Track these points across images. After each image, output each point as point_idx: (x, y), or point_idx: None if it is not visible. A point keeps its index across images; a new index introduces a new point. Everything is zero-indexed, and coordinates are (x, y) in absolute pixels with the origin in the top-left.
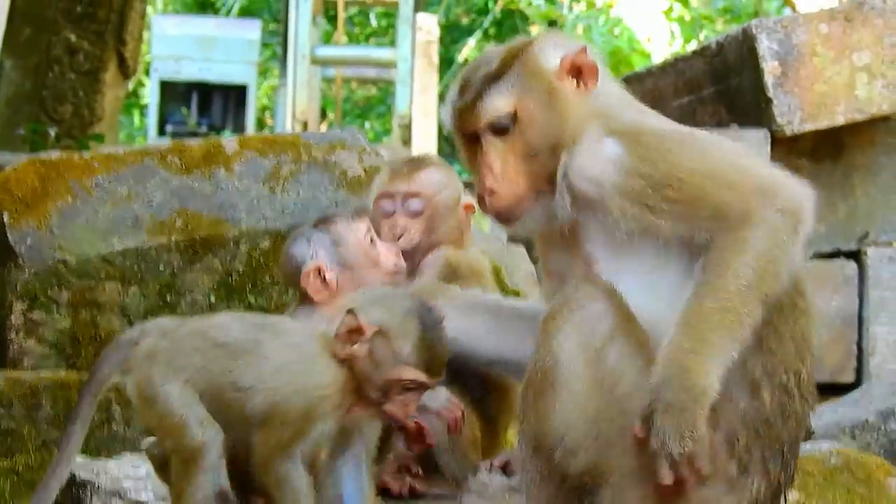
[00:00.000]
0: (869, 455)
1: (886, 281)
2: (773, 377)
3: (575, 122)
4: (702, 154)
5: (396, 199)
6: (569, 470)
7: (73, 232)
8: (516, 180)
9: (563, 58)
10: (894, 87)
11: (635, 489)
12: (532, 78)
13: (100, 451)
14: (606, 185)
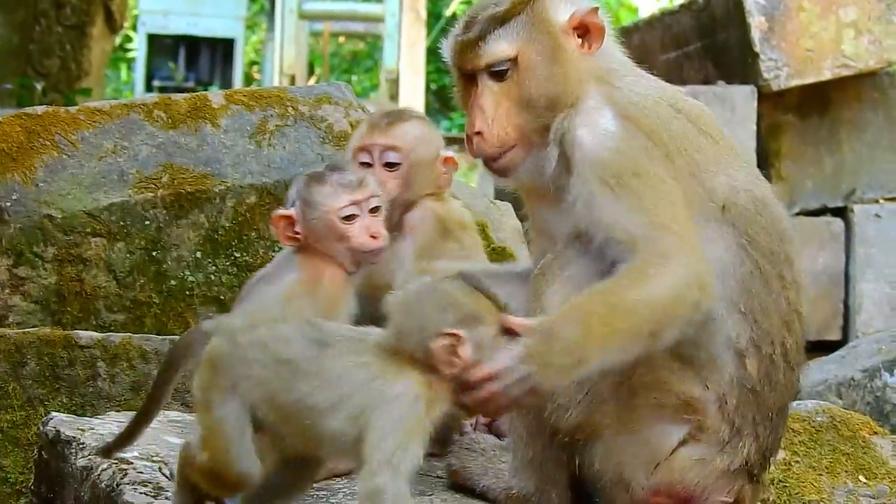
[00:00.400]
0: (854, 413)
1: (873, 238)
2: (759, 348)
3: (575, 82)
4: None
5: (374, 152)
6: (560, 426)
7: (58, 187)
8: (506, 126)
9: (573, 14)
10: (881, 43)
11: (629, 444)
12: (538, 27)
13: (85, 408)
14: (590, 157)
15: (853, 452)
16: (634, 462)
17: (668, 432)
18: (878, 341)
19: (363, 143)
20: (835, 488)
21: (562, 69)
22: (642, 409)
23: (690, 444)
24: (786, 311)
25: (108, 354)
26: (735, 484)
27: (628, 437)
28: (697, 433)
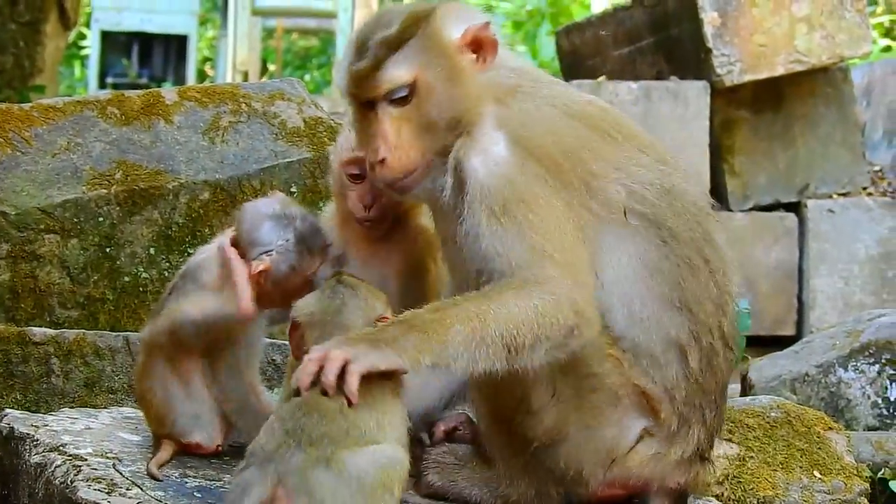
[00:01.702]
0: (809, 408)
1: (826, 233)
2: (698, 339)
3: (473, 100)
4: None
5: (366, 165)
6: (533, 434)
7: (11, 183)
8: (409, 152)
9: (466, 31)
10: (833, 38)
11: (590, 442)
12: (433, 48)
13: (39, 405)
14: (481, 187)
15: (808, 448)
16: (594, 459)
17: (626, 428)
18: (833, 336)
19: (356, 156)
20: (789, 484)
21: (461, 89)
22: (602, 408)
23: (646, 440)
24: (716, 294)
25: (61, 351)
26: (688, 469)
27: (589, 434)
28: (652, 428)
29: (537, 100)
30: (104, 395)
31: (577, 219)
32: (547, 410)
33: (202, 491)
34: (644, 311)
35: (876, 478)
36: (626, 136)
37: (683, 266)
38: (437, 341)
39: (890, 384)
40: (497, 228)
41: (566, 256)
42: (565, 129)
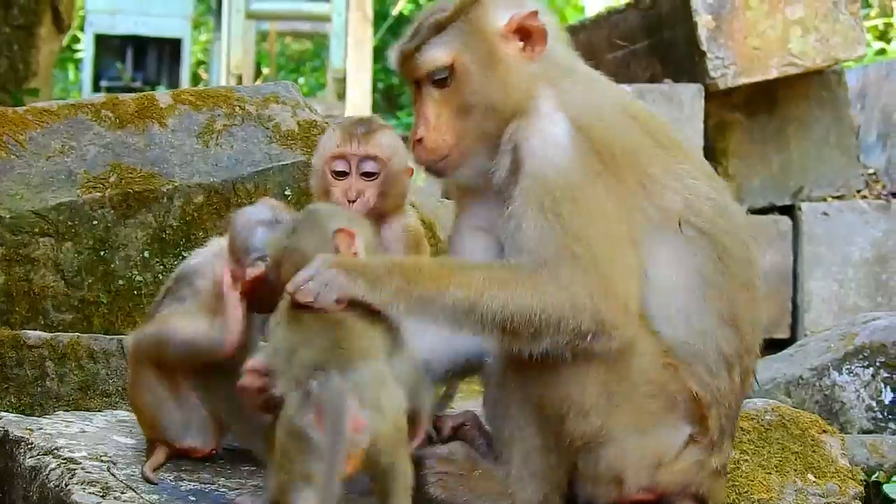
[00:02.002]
0: (803, 411)
1: (820, 236)
2: (741, 358)
3: (519, 87)
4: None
5: (352, 161)
6: (579, 432)
7: (6, 187)
8: (446, 134)
9: (511, 18)
10: (827, 41)
11: (638, 446)
12: (474, 33)
13: (33, 408)
14: (537, 173)
15: (802, 451)
16: (640, 463)
17: (676, 433)
18: (827, 339)
19: (341, 151)
20: (784, 487)
21: (500, 75)
22: (656, 413)
23: (691, 447)
24: (756, 316)
25: (56, 354)
26: (717, 479)
27: (639, 438)
28: (698, 435)
29: (597, 91)
30: (99, 398)
31: (631, 220)
32: (598, 412)
33: (197, 494)
34: (702, 322)
35: (870, 481)
36: (676, 146)
37: (735, 285)
38: (420, 295)
39: (884, 387)
40: (541, 223)
41: (601, 266)
42: (624, 125)
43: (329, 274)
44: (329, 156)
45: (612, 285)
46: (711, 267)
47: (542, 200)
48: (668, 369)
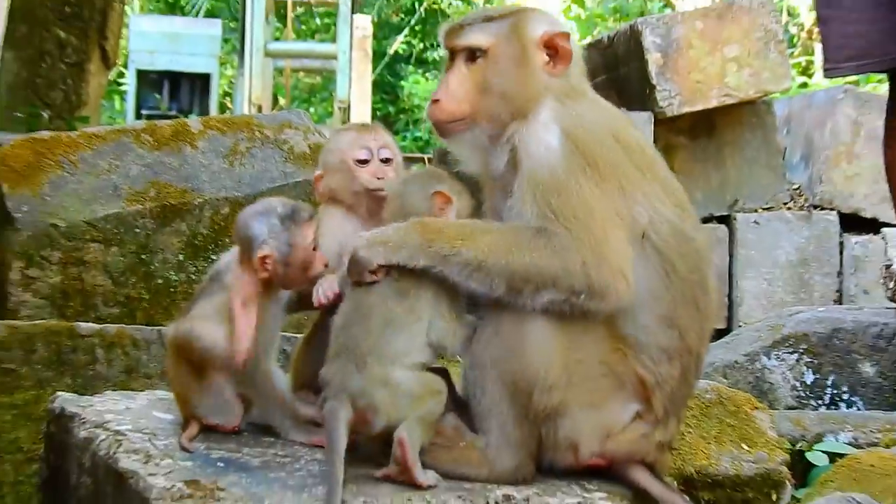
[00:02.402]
0: (738, 391)
1: (752, 242)
2: (682, 356)
3: (533, 92)
4: (601, 198)
5: (373, 149)
6: (544, 406)
7: (61, 200)
8: (461, 102)
9: (545, 31)
10: (759, 76)
11: (591, 418)
12: (515, 33)
13: (86, 388)
14: (532, 170)
15: (737, 424)
16: (592, 433)
17: (623, 409)
18: (758, 330)
19: (362, 142)
20: (721, 454)
21: (522, 75)
22: (607, 390)
23: (637, 421)
24: (700, 329)
25: (105, 342)
26: (661, 452)
27: (592, 412)
28: (644, 412)
29: (591, 112)
30: (141, 380)
31: (616, 209)
32: (559, 388)
33: (224, 461)
34: (645, 321)
35: (794, 449)
36: (655, 175)
37: (679, 298)
38: (435, 252)
39: (806, 370)
40: (538, 207)
41: (593, 236)
42: (608, 144)
43: (349, 253)
44: (351, 147)
45: (603, 253)
46: (657, 281)
47: (536, 192)
48: (618, 353)
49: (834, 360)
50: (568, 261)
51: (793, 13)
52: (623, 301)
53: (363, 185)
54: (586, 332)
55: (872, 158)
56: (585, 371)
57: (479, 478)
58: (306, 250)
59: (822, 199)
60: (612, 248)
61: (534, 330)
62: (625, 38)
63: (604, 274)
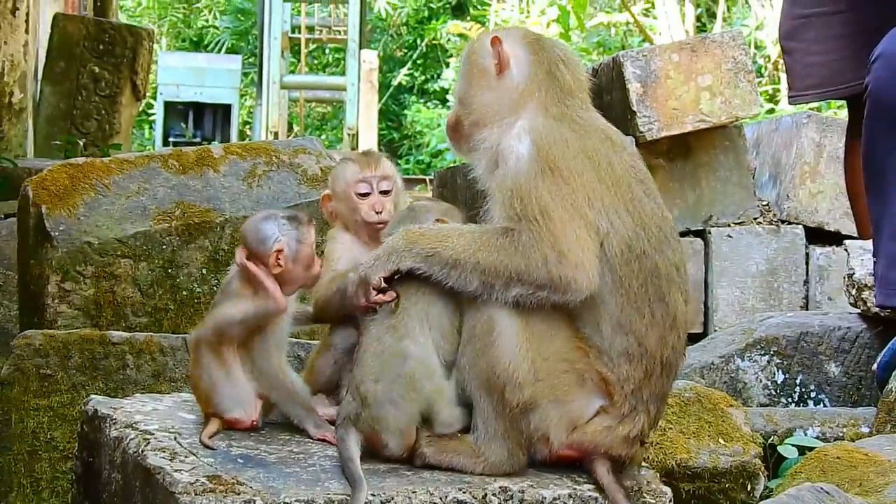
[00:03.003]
0: (715, 390)
1: (725, 254)
2: (642, 358)
3: (500, 106)
4: (560, 199)
5: (373, 182)
6: (516, 402)
7: (95, 219)
8: (458, 121)
9: (484, 45)
10: (730, 103)
11: (557, 411)
12: (468, 59)
13: (116, 391)
14: (501, 181)
15: (714, 421)
16: (559, 424)
17: (587, 404)
18: (732, 334)
19: (363, 175)
20: (700, 449)
21: (481, 91)
22: (571, 386)
23: (601, 415)
24: (658, 337)
25: (134, 350)
26: (630, 446)
27: (558, 405)
28: (608, 407)
29: (567, 127)
30: (168, 384)
31: (581, 210)
32: (528, 385)
33: (244, 457)
34: (602, 326)
35: (767, 443)
36: (619, 193)
37: (630, 308)
38: (419, 252)
39: (777, 370)
40: (506, 209)
41: (554, 236)
42: (575, 156)
43: (352, 282)
44: (354, 181)
45: (562, 249)
46: (605, 290)
47: (504, 198)
48: (580, 351)
49: (802, 361)
50: (530, 258)
51: (760, 46)
52: (585, 291)
53: (363, 218)
54: (551, 333)
55: (834, 177)
56: (550, 367)
57: (476, 469)
58: (311, 248)
59: (789, 215)
60: (571, 244)
61: (502, 333)
62: (608, 69)
63: (564, 268)
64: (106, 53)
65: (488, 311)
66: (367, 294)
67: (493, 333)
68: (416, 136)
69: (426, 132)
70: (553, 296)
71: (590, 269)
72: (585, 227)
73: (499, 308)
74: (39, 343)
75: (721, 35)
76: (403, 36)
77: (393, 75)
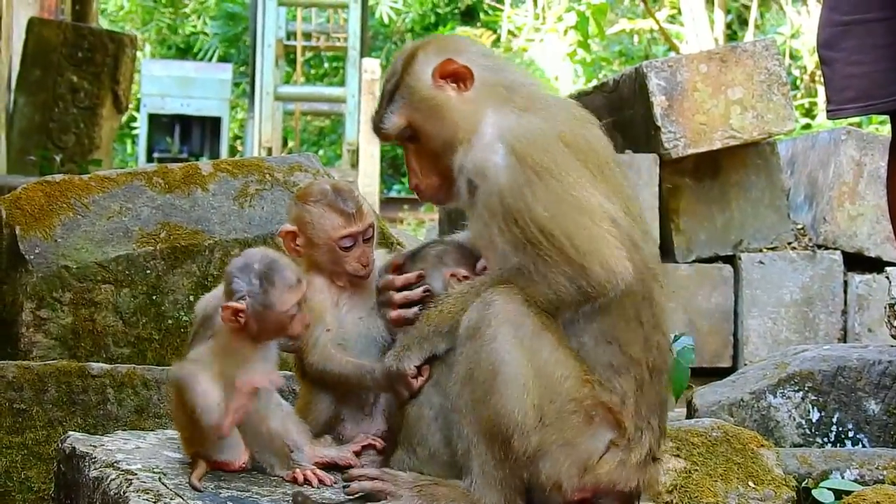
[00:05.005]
0: (744, 429)
1: (756, 281)
2: (629, 368)
3: (466, 121)
4: (557, 203)
5: (358, 238)
6: (522, 451)
7: (73, 242)
8: (431, 176)
9: (434, 70)
10: (762, 118)
11: (568, 456)
12: (415, 93)
13: (96, 428)
14: (485, 197)
15: (743, 462)
16: (570, 470)
17: (596, 441)
18: (763, 368)
19: (349, 231)
20: (728, 493)
21: (447, 119)
22: (580, 425)
23: (612, 450)
24: (643, 339)
25: (115, 382)
26: (644, 470)
27: (567, 448)
28: (617, 439)
29: (537, 118)
30: (151, 419)
31: (575, 196)
32: (536, 431)
33: (234, 500)
34: (584, 339)
35: (801, 487)
36: (605, 179)
37: (618, 313)
38: (448, 332)
39: (812, 408)
40: (505, 235)
41: (566, 251)
42: (557, 150)
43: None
44: (337, 236)
45: (582, 262)
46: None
47: (496, 220)
48: (586, 386)
49: (839, 398)
50: (553, 284)
51: (795, 56)
52: (623, 283)
53: (348, 271)
54: (558, 371)
55: (875, 199)
56: (558, 409)
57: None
58: (282, 314)
59: (825, 239)
60: (586, 249)
61: (507, 378)
62: (630, 81)
63: (591, 276)
64: (85, 61)
65: (488, 352)
66: (410, 386)
67: (496, 378)
68: None
69: None
70: (595, 303)
71: (614, 261)
72: (592, 218)
73: (499, 348)
74: (13, 375)
75: (753, 44)
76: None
77: None
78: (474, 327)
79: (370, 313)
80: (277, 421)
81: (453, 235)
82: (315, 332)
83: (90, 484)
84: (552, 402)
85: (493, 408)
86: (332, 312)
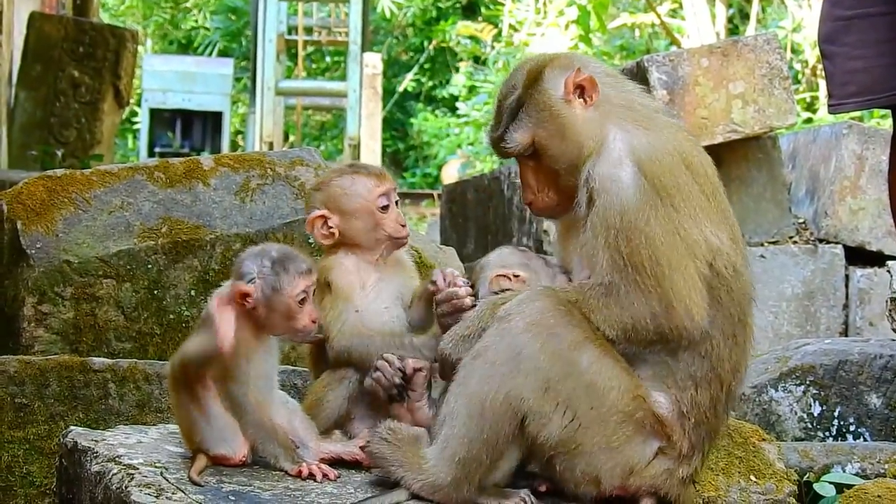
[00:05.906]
0: (746, 423)
1: (758, 275)
2: (710, 384)
3: (589, 136)
4: (672, 234)
5: (391, 195)
6: (538, 440)
7: (75, 237)
8: (547, 193)
9: (565, 83)
10: (764, 112)
11: (610, 458)
12: (543, 109)
13: (98, 422)
14: (605, 212)
15: (745, 456)
16: (612, 471)
17: (645, 448)
18: (765, 362)
19: (384, 189)
20: (729, 487)
21: (572, 134)
22: (625, 432)
23: (660, 457)
24: (734, 363)
25: (117, 377)
26: (685, 487)
27: (609, 452)
28: (666, 448)
29: (663, 137)
30: (153, 414)
31: (688, 241)
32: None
33: (235, 494)
34: (683, 354)
35: (802, 481)
36: (718, 204)
37: (717, 331)
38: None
39: (813, 402)
40: (609, 253)
41: (660, 286)
42: (679, 171)
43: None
44: (373, 196)
45: (672, 301)
46: (708, 323)
47: (608, 237)
48: (637, 400)
49: (841, 392)
50: (636, 314)
51: (797, 50)
52: (695, 336)
53: (387, 234)
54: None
55: (877, 193)
56: (598, 416)
57: (413, 485)
58: (291, 301)
59: (827, 233)
60: (679, 290)
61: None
62: (631, 75)
63: (673, 319)
64: (86, 56)
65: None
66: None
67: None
68: (422, 147)
69: (433, 142)
70: (662, 347)
71: (698, 312)
72: (694, 260)
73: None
74: (14, 370)
75: (755, 38)
76: (409, 38)
77: (398, 80)
78: (505, 316)
79: (395, 303)
80: (282, 417)
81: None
82: (343, 313)
83: (92, 478)
84: (592, 408)
85: (506, 388)
86: (360, 295)
